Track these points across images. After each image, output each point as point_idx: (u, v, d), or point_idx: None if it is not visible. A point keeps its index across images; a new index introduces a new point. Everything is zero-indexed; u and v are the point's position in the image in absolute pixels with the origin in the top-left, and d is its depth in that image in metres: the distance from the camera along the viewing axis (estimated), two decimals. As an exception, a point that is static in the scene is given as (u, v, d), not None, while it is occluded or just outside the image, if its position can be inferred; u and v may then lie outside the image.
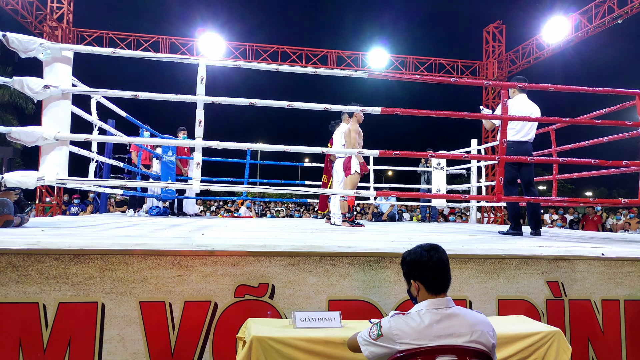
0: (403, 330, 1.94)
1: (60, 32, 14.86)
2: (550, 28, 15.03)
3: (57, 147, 3.91)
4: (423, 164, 10.44)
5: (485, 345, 1.95)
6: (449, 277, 2.07)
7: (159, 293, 2.72)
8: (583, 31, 14.04)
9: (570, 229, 12.19)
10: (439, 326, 1.93)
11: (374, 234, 4.72)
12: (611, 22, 13.13)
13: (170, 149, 8.15)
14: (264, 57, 16.37)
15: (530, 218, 5.43)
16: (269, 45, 16.56)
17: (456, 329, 1.94)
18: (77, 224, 4.68)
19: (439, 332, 1.92)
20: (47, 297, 2.60)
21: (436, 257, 2.06)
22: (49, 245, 2.63)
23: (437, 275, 2.04)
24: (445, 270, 2.06)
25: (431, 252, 2.07)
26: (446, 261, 2.08)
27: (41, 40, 3.86)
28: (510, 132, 5.23)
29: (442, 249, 2.11)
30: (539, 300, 3.21)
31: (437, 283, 2.04)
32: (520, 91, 5.35)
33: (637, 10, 12.37)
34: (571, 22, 14.38)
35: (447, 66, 17.61)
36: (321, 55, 16.74)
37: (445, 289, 2.06)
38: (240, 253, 2.85)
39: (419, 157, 7.44)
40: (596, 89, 4.73)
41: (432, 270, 2.04)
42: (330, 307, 2.90)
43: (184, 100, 4.12)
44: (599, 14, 13.40)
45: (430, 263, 2.04)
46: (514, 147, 5.19)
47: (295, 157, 16.69)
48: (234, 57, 16.12)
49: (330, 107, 4.31)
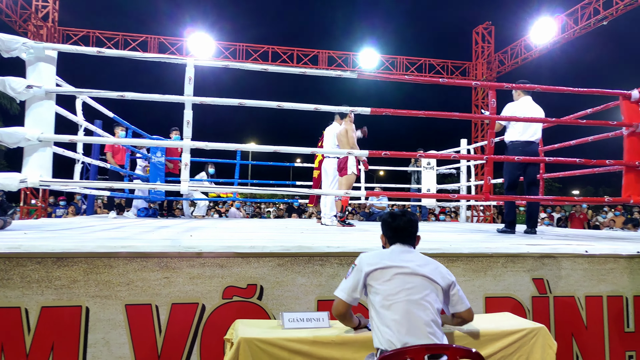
0: (370, 257, 2.34)
1: (45, 31, 14.67)
2: (538, 29, 15.15)
3: (40, 148, 3.83)
4: (413, 164, 10.46)
5: (441, 282, 2.29)
6: (412, 234, 2.47)
7: (145, 296, 2.68)
8: (569, 32, 14.16)
9: (557, 227, 12.28)
10: (400, 255, 2.33)
11: (363, 234, 4.71)
12: (597, 24, 13.26)
13: (159, 150, 8.08)
14: (254, 57, 16.30)
15: (528, 217, 5.48)
16: (259, 45, 16.49)
17: (414, 258, 2.33)
18: (62, 227, 4.61)
19: (399, 258, 2.31)
20: (29, 302, 2.54)
21: (401, 221, 2.46)
22: (31, 249, 2.58)
23: (396, 233, 2.45)
24: (406, 229, 2.45)
25: (396, 217, 2.48)
26: (408, 224, 2.45)
27: (24, 39, 3.80)
28: (516, 133, 5.28)
29: (409, 215, 2.50)
30: (525, 297, 3.24)
31: (396, 237, 2.44)
32: (525, 93, 5.41)
33: (622, 12, 12.51)
34: (558, 24, 14.50)
35: (437, 66, 17.67)
36: (312, 56, 16.70)
37: (408, 242, 2.44)
38: (228, 254, 2.82)
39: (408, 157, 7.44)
40: (581, 90, 4.78)
41: (394, 229, 2.46)
42: (319, 307, 2.88)
43: (172, 100, 4.07)
44: (585, 16, 13.53)
45: (393, 224, 2.46)
46: (522, 147, 5.25)
47: (287, 157, 16.59)
48: (223, 57, 16.04)
49: (320, 108, 4.28)
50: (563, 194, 41.29)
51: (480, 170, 14.98)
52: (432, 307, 2.19)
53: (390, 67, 17.19)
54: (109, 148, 7.99)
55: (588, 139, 5.69)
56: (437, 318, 2.20)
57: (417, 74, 17.23)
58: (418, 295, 2.19)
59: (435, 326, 2.17)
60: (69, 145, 4.68)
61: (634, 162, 4.65)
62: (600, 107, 5.45)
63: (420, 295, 2.19)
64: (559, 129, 6.26)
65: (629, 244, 3.76)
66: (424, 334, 2.11)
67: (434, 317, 2.18)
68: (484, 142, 7.64)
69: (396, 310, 2.16)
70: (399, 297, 2.18)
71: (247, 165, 30.31)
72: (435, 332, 2.15)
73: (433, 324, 2.16)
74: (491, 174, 4.73)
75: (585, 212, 13.90)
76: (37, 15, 14.55)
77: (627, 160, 4.73)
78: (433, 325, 2.15)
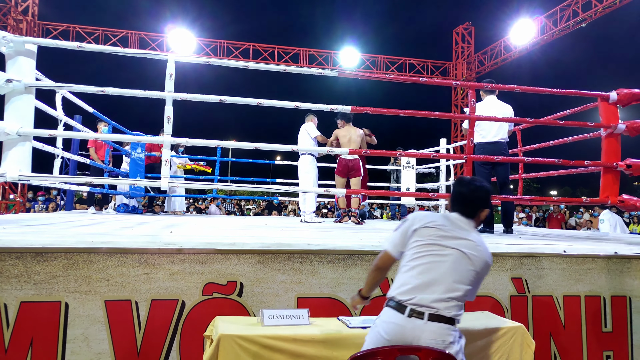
0: (423, 215, 2.25)
1: (25, 25, 14.44)
2: (518, 30, 15.38)
3: (19, 142, 3.79)
4: (392, 163, 10.53)
5: (482, 266, 2.16)
6: (474, 206, 2.27)
7: (124, 292, 2.68)
8: (549, 34, 14.40)
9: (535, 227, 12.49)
10: (452, 224, 2.21)
11: (342, 232, 4.74)
12: (576, 26, 13.51)
13: (140, 146, 8.01)
14: (235, 54, 16.25)
15: (503, 217, 5.53)
16: (240, 42, 16.45)
17: (462, 234, 2.18)
18: (41, 222, 4.56)
19: (449, 227, 2.19)
20: (7, 297, 2.53)
21: (466, 189, 2.30)
22: (9, 244, 2.56)
23: (456, 201, 2.31)
24: (467, 199, 2.28)
25: (463, 184, 2.34)
26: (472, 194, 2.28)
27: (3, 33, 3.75)
28: (478, 135, 5.31)
29: (478, 183, 2.32)
30: (504, 296, 3.27)
31: (456, 206, 2.30)
32: (488, 93, 5.43)
33: (600, 14, 12.76)
34: (537, 25, 14.73)
35: (418, 66, 17.81)
36: (293, 54, 16.72)
37: (468, 214, 2.26)
38: (208, 251, 2.83)
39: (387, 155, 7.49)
40: (560, 91, 4.84)
41: (455, 196, 2.32)
42: (299, 304, 2.90)
43: (152, 96, 4.06)
44: (564, 18, 13.77)
45: (455, 190, 2.34)
46: (483, 149, 5.27)
47: (267, 155, 16.58)
48: (204, 53, 15.96)
49: (301, 105, 4.30)
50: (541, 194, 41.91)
51: (459, 169, 15.16)
52: (463, 280, 2.09)
53: (370, 66, 17.28)
54: (92, 143, 7.89)
55: (566, 140, 5.75)
56: (462, 293, 2.08)
57: (397, 73, 17.35)
58: (452, 263, 2.10)
59: (457, 299, 2.06)
60: (48, 140, 4.63)
61: (612, 163, 4.69)
62: (579, 108, 5.50)
63: (454, 264, 2.10)
64: (538, 130, 6.35)
65: (607, 245, 3.82)
66: (441, 298, 2.03)
67: (460, 288, 2.07)
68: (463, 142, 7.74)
69: (424, 264, 2.10)
70: (432, 257, 2.11)
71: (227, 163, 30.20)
72: (454, 305, 2.06)
73: (456, 293, 2.06)
74: (471, 174, 4.77)
75: (562, 213, 14.16)
76: (17, 9, 14.31)
77: (605, 161, 4.77)
78: (455, 295, 2.05)
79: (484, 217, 2.32)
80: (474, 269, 2.13)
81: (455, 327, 2.08)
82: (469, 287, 2.11)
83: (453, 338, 2.04)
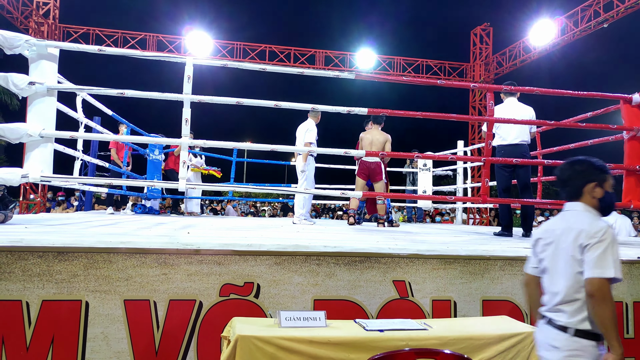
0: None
1: (46, 28, 14.69)
2: (537, 31, 15.19)
3: (42, 144, 3.88)
4: (408, 165, 10.50)
5: (577, 255, 2.02)
6: (569, 187, 2.19)
7: (143, 291, 2.72)
8: (569, 34, 14.21)
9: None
10: (558, 219, 2.19)
11: (359, 234, 4.74)
12: (597, 26, 13.30)
13: (157, 147, 8.11)
14: (252, 55, 16.33)
15: (523, 220, 5.46)
16: (256, 44, 16.52)
17: (560, 225, 2.14)
18: (61, 222, 4.65)
19: (554, 224, 2.19)
20: (30, 295, 2.58)
21: (558, 170, 2.25)
22: (32, 243, 2.62)
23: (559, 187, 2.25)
24: (561, 180, 2.23)
25: (557, 172, 2.26)
26: (561, 173, 2.23)
27: (27, 37, 3.84)
28: (498, 138, 5.27)
29: (570, 161, 2.22)
30: (523, 300, 3.24)
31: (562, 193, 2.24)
32: (509, 95, 5.38)
33: (622, 15, 12.56)
34: (557, 26, 14.55)
35: (435, 67, 17.69)
36: (309, 55, 16.73)
37: (569, 197, 2.20)
38: (225, 252, 2.86)
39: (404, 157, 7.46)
40: (581, 93, 4.79)
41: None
42: (316, 306, 2.92)
43: (171, 98, 4.11)
44: (585, 18, 13.57)
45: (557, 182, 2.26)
46: (504, 151, 5.23)
47: (283, 156, 16.56)
48: (221, 55, 16.07)
49: (317, 107, 4.33)
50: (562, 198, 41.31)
51: (476, 172, 15.03)
52: (564, 281, 2.05)
53: (387, 68, 17.21)
54: (113, 144, 8.03)
55: (588, 142, 5.68)
56: (567, 291, 2.03)
57: (414, 74, 17.26)
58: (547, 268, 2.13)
59: (559, 302, 2.04)
60: (67, 142, 4.72)
61: (635, 166, 4.64)
62: (601, 111, 5.42)
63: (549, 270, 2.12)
64: (559, 132, 6.28)
65: (629, 249, 3.74)
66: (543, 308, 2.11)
67: (563, 289, 2.04)
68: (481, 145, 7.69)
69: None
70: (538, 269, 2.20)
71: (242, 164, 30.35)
72: (555, 308, 2.06)
73: (557, 297, 2.05)
74: (489, 176, 4.71)
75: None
76: (39, 12, 14.57)
77: (628, 164, 4.71)
78: (555, 299, 2.06)
79: (598, 193, 2.14)
80: (572, 260, 2.03)
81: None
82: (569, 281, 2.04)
83: None
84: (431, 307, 3.10)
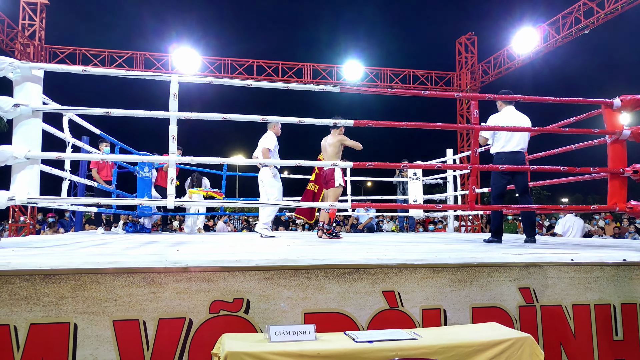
0: None
1: (32, 50, 14.71)
2: (520, 39, 15.42)
3: (28, 165, 3.87)
4: (398, 175, 10.56)
5: None
6: None
7: (132, 311, 2.71)
8: (552, 42, 14.44)
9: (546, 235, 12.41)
10: None
11: (349, 246, 4.76)
12: (578, 33, 13.53)
13: (147, 165, 8.10)
14: (240, 71, 16.43)
15: (525, 225, 5.51)
16: (244, 59, 16.63)
17: None
18: (50, 243, 4.62)
19: None
20: (17, 319, 2.56)
21: None
22: (19, 266, 2.60)
23: None
24: None
25: None
26: None
27: (10, 59, 3.84)
28: (500, 143, 5.35)
29: None
30: (512, 307, 3.26)
31: None
32: (507, 103, 5.49)
33: (603, 21, 12.79)
34: (540, 33, 14.78)
35: (422, 77, 17.87)
36: (296, 69, 16.86)
37: None
38: (214, 268, 2.85)
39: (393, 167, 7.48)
40: (564, 99, 4.85)
41: None
42: (306, 320, 2.91)
43: (157, 116, 4.12)
44: (566, 25, 13.80)
45: None
46: (506, 158, 5.31)
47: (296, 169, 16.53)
48: (209, 71, 16.15)
49: (304, 121, 4.35)
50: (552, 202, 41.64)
51: (466, 179, 15.11)
52: None
53: (374, 79, 17.36)
54: (94, 164, 7.99)
55: (572, 147, 5.76)
56: None
57: (401, 84, 17.41)
58: None
59: None
60: (56, 162, 4.71)
61: (618, 169, 4.68)
62: (584, 116, 5.51)
63: None
64: (544, 138, 6.36)
65: (615, 252, 3.79)
66: None
67: None
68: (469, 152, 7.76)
69: None
70: None
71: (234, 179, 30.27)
72: None
73: None
74: (476, 184, 4.78)
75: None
76: (24, 33, 14.59)
77: (611, 167, 4.76)
78: None
79: None
80: None
81: None
82: None
83: None
84: (421, 316, 3.11)
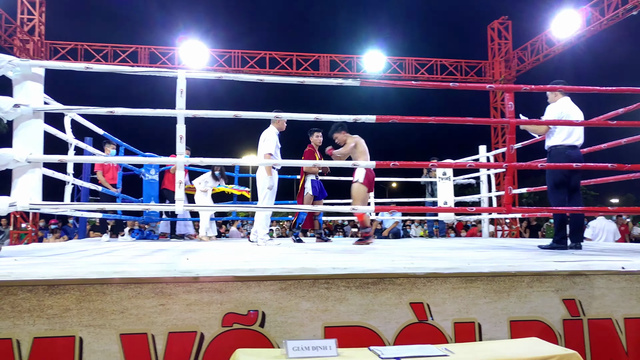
0: None
1: (31, 46, 14.96)
2: (560, 22, 15.17)
3: (29, 169, 3.95)
4: (426, 175, 10.44)
5: None
6: None
7: (140, 324, 2.75)
8: (595, 25, 14.18)
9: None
10: None
11: (373, 253, 4.75)
12: (625, 14, 13.25)
13: (153, 167, 8.20)
14: (251, 64, 16.48)
15: (572, 229, 5.41)
16: (255, 51, 16.67)
17: None
18: (53, 252, 4.71)
19: None
20: (20, 332, 2.62)
21: None
22: (21, 276, 2.66)
23: None
24: None
25: None
26: None
27: (9, 57, 3.93)
28: (560, 137, 5.27)
29: None
30: (555, 320, 3.20)
31: None
32: (564, 94, 5.41)
33: (653, 0, 12.51)
34: (582, 16, 14.53)
35: (450, 67, 17.70)
36: (312, 60, 16.85)
37: None
38: (226, 278, 2.87)
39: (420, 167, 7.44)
40: (609, 89, 4.75)
41: None
42: (327, 334, 2.91)
43: (163, 114, 4.18)
44: (611, 6, 13.54)
45: None
46: (569, 152, 5.22)
47: (290, 170, 16.38)
48: (218, 65, 16.25)
49: (321, 117, 4.36)
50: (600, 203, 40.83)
51: (502, 179, 14.92)
52: None
53: (398, 70, 17.24)
54: (99, 167, 8.11)
55: (621, 142, 5.64)
56: None
57: (427, 75, 17.28)
58: None
59: None
60: (58, 166, 4.80)
61: (676, 166, 4.58)
62: (633, 107, 5.40)
63: None
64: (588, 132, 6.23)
65: (613, 261, 3.64)
66: None
67: None
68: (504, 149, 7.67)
69: None
70: None
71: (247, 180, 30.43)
72: None
73: None
74: (512, 184, 4.67)
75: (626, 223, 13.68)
76: (23, 29, 14.85)
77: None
78: None
79: None
80: None
81: None
82: None
83: None
84: (453, 330, 3.09)
